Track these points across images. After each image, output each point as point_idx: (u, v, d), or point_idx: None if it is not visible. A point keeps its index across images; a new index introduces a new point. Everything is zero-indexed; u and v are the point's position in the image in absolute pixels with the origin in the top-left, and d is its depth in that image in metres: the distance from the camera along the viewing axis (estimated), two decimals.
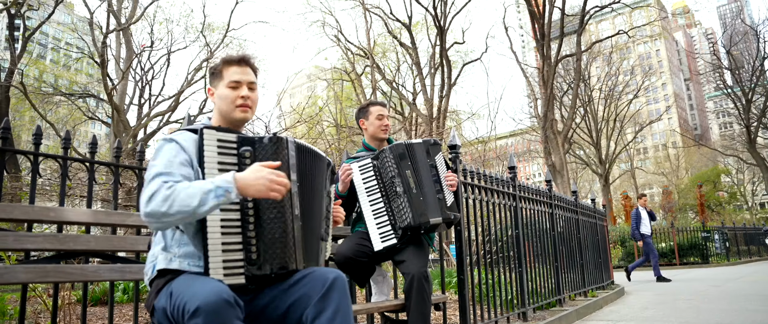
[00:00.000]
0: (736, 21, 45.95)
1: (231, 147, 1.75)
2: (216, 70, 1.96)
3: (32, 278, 2.00)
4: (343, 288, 1.73)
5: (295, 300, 1.73)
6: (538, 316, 4.61)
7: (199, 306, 1.47)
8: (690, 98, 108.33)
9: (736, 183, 51.96)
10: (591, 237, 7.15)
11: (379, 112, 3.11)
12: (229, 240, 1.70)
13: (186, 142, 1.80)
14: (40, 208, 2.14)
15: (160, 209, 1.58)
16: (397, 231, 2.83)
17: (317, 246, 1.97)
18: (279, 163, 1.69)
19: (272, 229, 1.73)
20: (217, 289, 1.51)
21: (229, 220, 1.71)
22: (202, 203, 1.58)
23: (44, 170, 10.79)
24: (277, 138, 1.79)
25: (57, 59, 29.51)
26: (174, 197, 1.59)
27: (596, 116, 34.88)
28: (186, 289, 1.58)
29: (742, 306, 5.46)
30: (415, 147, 2.96)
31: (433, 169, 2.97)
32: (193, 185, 1.62)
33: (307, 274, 1.76)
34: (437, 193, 2.93)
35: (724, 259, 16.77)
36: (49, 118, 18.84)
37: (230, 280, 1.67)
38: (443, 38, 19.98)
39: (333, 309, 1.68)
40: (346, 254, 2.82)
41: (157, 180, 1.65)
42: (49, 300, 3.84)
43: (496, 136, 26.73)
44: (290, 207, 1.79)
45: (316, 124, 15.20)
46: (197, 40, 20.54)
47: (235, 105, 1.90)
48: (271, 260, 1.72)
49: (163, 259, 1.76)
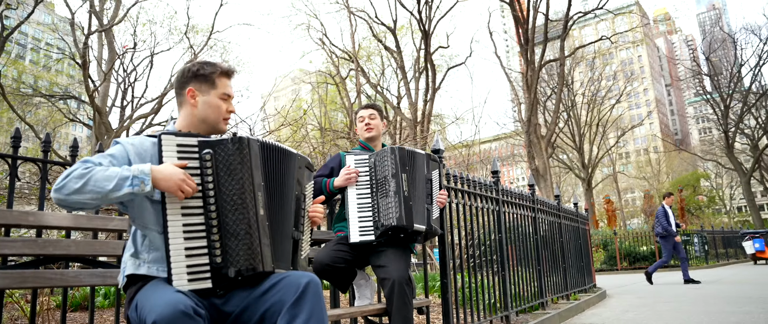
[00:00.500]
0: (714, 28, 46.82)
1: (192, 151, 1.74)
2: (208, 75, 1.91)
3: (9, 284, 1.95)
4: (316, 292, 1.71)
5: (269, 307, 1.70)
6: (521, 319, 4.64)
7: (155, 320, 1.46)
8: (671, 103, 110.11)
9: (714, 187, 52.93)
10: (573, 241, 7.23)
11: (361, 115, 3.26)
12: (193, 245, 1.68)
13: (133, 146, 1.79)
14: (19, 213, 2.11)
15: (73, 186, 1.58)
16: (378, 228, 2.84)
17: (289, 246, 1.93)
18: (185, 163, 1.69)
19: (236, 231, 1.72)
20: (172, 301, 1.49)
21: (191, 225, 1.70)
22: (117, 188, 1.60)
23: (23, 173, 10.60)
24: (238, 139, 1.77)
25: (37, 60, 29.01)
26: (89, 177, 1.59)
27: (579, 121, 35.29)
28: (147, 301, 1.58)
29: (720, 308, 5.56)
30: (417, 156, 3.04)
31: (429, 183, 3.03)
32: (111, 169, 1.63)
33: (281, 280, 1.74)
34: (427, 205, 2.98)
35: (703, 262, 17.05)
36: (28, 119, 18.52)
37: (195, 285, 1.66)
38: (428, 42, 20.08)
39: (306, 314, 1.66)
40: (323, 261, 2.81)
41: (78, 162, 1.66)
42: (27, 306, 3.78)
43: (480, 140, 26.88)
44: (254, 207, 1.77)
45: (300, 127, 15.16)
46: (181, 42, 20.38)
47: (222, 117, 1.92)
48: (236, 262, 1.70)
49: (131, 265, 1.76)
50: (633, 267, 16.29)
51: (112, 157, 1.74)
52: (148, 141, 1.82)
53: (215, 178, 1.74)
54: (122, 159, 1.76)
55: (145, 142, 1.82)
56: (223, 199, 1.74)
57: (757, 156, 32.50)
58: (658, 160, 57.86)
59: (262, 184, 1.83)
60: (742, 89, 32.94)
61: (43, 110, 20.59)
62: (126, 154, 1.77)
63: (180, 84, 1.94)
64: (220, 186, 1.74)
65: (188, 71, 1.93)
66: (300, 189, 2.03)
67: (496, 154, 39.95)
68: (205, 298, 1.70)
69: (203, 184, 1.73)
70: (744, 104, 31.76)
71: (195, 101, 1.90)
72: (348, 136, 15.35)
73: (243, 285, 1.77)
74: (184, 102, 1.93)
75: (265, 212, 1.82)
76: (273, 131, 11.84)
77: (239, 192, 1.75)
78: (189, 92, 1.90)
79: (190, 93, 1.90)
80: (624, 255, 16.73)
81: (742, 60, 32.58)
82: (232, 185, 1.74)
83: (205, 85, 1.90)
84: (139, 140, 1.83)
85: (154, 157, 1.77)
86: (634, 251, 16.79)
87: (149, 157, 1.78)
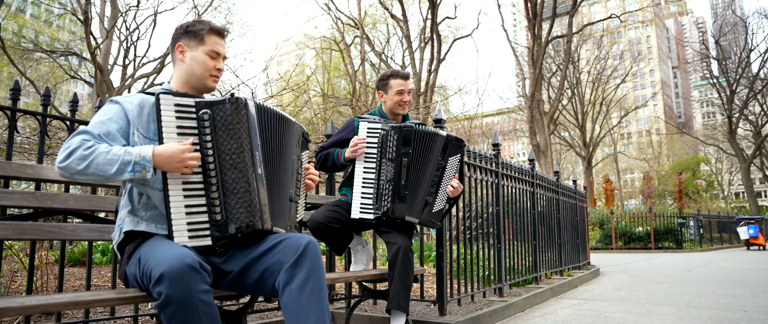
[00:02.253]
0: (726, 11, 46.14)
1: (189, 111, 1.74)
2: (197, 31, 1.93)
3: (8, 235, 1.96)
4: (315, 254, 1.73)
5: (268, 266, 1.73)
6: (514, 292, 4.70)
7: (163, 273, 1.48)
8: (676, 86, 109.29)
9: (714, 172, 52.98)
10: (570, 218, 7.27)
11: (400, 87, 2.95)
12: (193, 202, 1.71)
13: (131, 105, 1.78)
14: (18, 165, 2.10)
15: (76, 167, 1.60)
16: (378, 210, 2.75)
17: (286, 206, 1.96)
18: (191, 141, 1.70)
19: (235, 190, 1.74)
20: (180, 255, 1.52)
21: (191, 183, 1.72)
22: (118, 173, 1.62)
23: (23, 128, 10.58)
24: (236, 99, 1.78)
25: (38, 14, 28.61)
26: (92, 159, 1.61)
27: (583, 99, 35.12)
28: (152, 255, 1.59)
29: (710, 289, 5.63)
30: (431, 138, 2.79)
31: (440, 170, 2.84)
32: (113, 151, 1.63)
33: (281, 241, 1.76)
34: (428, 195, 2.82)
35: (698, 245, 17.21)
36: (29, 74, 18.38)
37: (196, 242, 1.69)
38: (435, 12, 19.80)
39: (305, 274, 1.68)
40: (317, 220, 2.76)
41: (78, 137, 1.65)
42: (26, 259, 3.81)
43: (483, 114, 26.79)
44: (253, 167, 1.79)
45: (303, 92, 15.07)
46: (185, 2, 20.12)
47: (209, 74, 1.92)
48: (236, 220, 1.73)
49: (129, 222, 1.77)
50: (628, 247, 16.45)
51: (118, 120, 1.75)
52: (148, 100, 1.82)
53: (213, 138, 1.75)
54: (124, 120, 1.76)
55: (146, 101, 1.82)
56: (223, 157, 1.75)
57: (759, 142, 32.46)
58: (660, 142, 57.80)
59: (259, 144, 1.84)
60: (750, 75, 32.67)
61: (43, 66, 20.39)
62: (124, 114, 1.77)
63: (172, 41, 1.97)
64: (219, 145, 1.75)
65: (180, 28, 1.98)
66: (297, 154, 2.06)
67: (498, 128, 39.85)
68: (205, 255, 1.72)
69: (202, 144, 1.74)
70: (750, 90, 31.56)
71: (183, 56, 1.93)
72: (350, 104, 15.26)
73: (242, 243, 1.80)
74: (175, 59, 1.96)
75: (263, 171, 1.83)
76: (275, 95, 11.77)
77: (238, 151, 1.76)
78: (178, 47, 1.94)
79: (179, 48, 1.94)
80: (619, 235, 16.87)
81: (752, 45, 32.22)
82: (230, 144, 1.75)
83: (194, 41, 1.93)
84: (136, 98, 1.83)
85: (152, 116, 1.78)
86: (629, 231, 16.93)
87: (146, 115, 1.79)
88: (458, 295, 3.81)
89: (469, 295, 3.97)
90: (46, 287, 3.59)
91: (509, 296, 4.39)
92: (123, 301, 1.63)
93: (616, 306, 4.44)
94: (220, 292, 1.87)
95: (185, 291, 1.48)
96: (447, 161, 2.87)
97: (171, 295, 1.47)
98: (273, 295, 1.74)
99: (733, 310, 4.22)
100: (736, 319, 3.76)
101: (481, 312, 3.56)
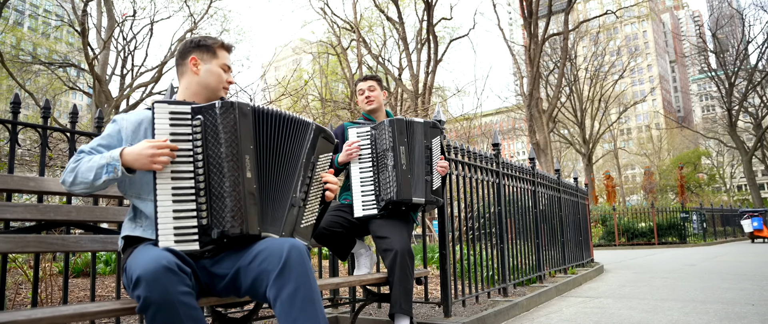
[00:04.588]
0: (722, 4, 46.18)
1: (185, 118, 1.78)
2: (210, 46, 2.03)
3: (12, 248, 1.97)
4: (299, 260, 1.68)
5: (256, 275, 1.71)
6: (518, 291, 4.69)
7: (139, 275, 1.51)
8: (674, 80, 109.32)
9: (715, 165, 52.97)
10: (572, 215, 7.26)
11: (360, 87, 3.25)
12: (182, 207, 1.73)
13: (128, 122, 1.88)
14: (20, 178, 2.11)
15: (68, 180, 1.77)
16: (380, 202, 2.87)
17: (283, 211, 1.91)
18: (165, 140, 1.72)
19: (221, 193, 1.75)
20: (156, 257, 1.54)
21: (181, 188, 1.74)
22: (97, 177, 1.73)
23: (24, 140, 10.59)
24: (224, 103, 1.81)
25: (35, 27, 28.65)
26: (77, 169, 1.76)
27: (581, 96, 35.13)
28: (133, 261, 1.62)
29: (715, 284, 5.62)
30: (415, 125, 3.01)
31: (428, 151, 3.01)
32: (93, 159, 1.76)
33: (263, 249, 1.73)
34: (426, 175, 2.97)
35: (701, 240, 17.18)
36: (28, 87, 18.41)
37: (183, 246, 1.70)
38: (430, 13, 19.82)
39: (293, 286, 1.65)
40: (320, 226, 2.79)
41: (74, 155, 1.82)
42: (30, 271, 3.82)
43: (482, 114, 26.77)
44: (240, 171, 1.79)
45: (300, 97, 15.08)
46: (181, 10, 20.16)
47: (222, 85, 2.04)
48: (220, 224, 1.74)
49: (128, 227, 1.85)
50: (631, 243, 16.41)
51: (109, 137, 1.86)
52: (139, 113, 1.91)
53: (204, 143, 1.77)
54: (115, 138, 1.86)
55: (146, 117, 1.89)
56: (211, 162, 1.77)
57: (759, 134, 32.45)
58: (660, 137, 57.78)
59: (252, 147, 1.84)
60: (748, 67, 32.68)
61: (42, 78, 20.46)
62: (118, 131, 1.87)
63: (182, 53, 2.04)
64: (208, 150, 1.78)
65: (191, 42, 2.06)
66: (309, 156, 1.99)
67: (498, 128, 39.85)
68: (195, 259, 1.75)
69: (193, 149, 1.77)
70: (749, 82, 31.55)
71: (197, 69, 2.01)
72: (348, 107, 15.27)
73: (233, 247, 1.81)
74: (185, 71, 2.02)
75: (253, 175, 1.83)
76: (273, 101, 11.77)
77: (226, 155, 1.78)
78: (192, 60, 2.01)
79: (192, 61, 2.01)
80: (622, 231, 16.85)
81: (749, 37, 32.25)
82: (217, 149, 1.78)
83: (207, 54, 2.03)
84: (136, 115, 1.91)
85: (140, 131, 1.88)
86: (632, 227, 16.89)
87: (143, 130, 1.87)
88: (463, 296, 3.81)
89: (473, 296, 3.96)
90: (50, 299, 3.59)
91: (514, 296, 4.38)
92: (127, 311, 1.65)
93: (621, 303, 4.44)
94: (222, 301, 1.87)
95: (162, 293, 1.49)
96: (431, 143, 3.05)
97: (149, 297, 1.49)
98: (267, 302, 1.74)
99: (740, 303, 4.21)
100: (743, 313, 3.75)
101: (486, 313, 3.56)
